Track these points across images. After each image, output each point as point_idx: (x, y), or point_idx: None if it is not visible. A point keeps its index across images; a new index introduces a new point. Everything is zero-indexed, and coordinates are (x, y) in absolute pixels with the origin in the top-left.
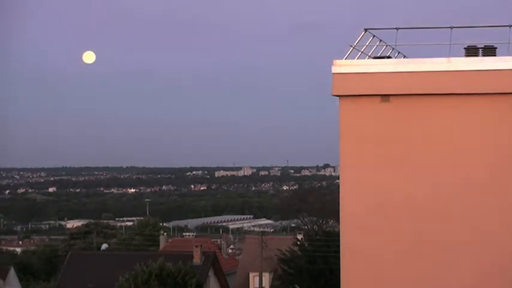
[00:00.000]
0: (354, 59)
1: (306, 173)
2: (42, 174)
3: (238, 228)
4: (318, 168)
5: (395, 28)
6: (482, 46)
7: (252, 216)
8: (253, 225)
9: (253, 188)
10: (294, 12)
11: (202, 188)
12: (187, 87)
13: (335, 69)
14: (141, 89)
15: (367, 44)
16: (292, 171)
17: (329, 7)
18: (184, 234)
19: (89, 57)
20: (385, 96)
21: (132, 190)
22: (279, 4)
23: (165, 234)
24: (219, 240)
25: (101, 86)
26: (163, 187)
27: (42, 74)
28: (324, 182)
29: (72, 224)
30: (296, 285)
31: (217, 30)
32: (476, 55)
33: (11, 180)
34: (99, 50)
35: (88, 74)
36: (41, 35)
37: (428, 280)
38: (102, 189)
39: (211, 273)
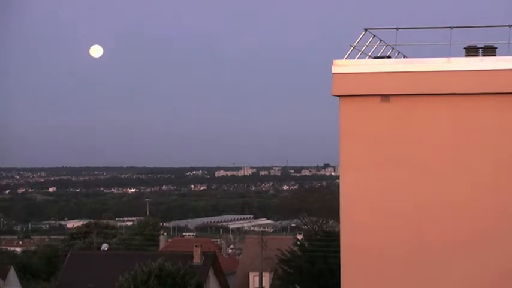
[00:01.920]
0: (354, 59)
1: (306, 173)
2: (42, 174)
3: (238, 228)
4: (318, 168)
5: (396, 28)
6: (482, 46)
7: (252, 216)
8: (253, 225)
9: (253, 188)
10: (294, 11)
11: (202, 188)
12: (187, 87)
13: (335, 69)
14: (142, 89)
15: (367, 44)
16: (292, 171)
17: (329, 7)
18: (184, 234)
19: (95, 51)
20: (385, 96)
21: (132, 190)
22: (279, 3)
23: (165, 234)
24: (219, 240)
25: (100, 85)
26: (163, 187)
27: (43, 72)
28: (324, 182)
29: (72, 224)
30: (296, 285)
31: (215, 29)
32: (476, 55)
33: (11, 180)
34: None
35: (91, 70)
36: (46, 29)
37: (429, 280)
38: (102, 189)
39: (211, 273)
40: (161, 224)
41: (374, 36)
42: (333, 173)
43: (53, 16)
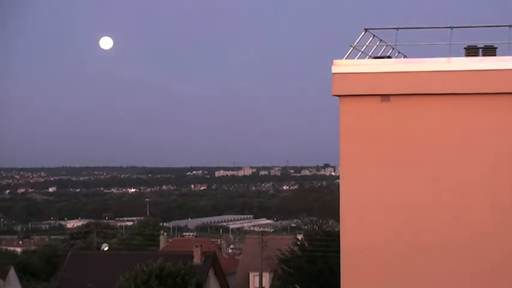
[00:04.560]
0: (354, 59)
1: (306, 173)
2: (42, 174)
3: (238, 228)
4: (318, 168)
5: (396, 28)
6: (482, 46)
7: (252, 216)
8: (253, 225)
9: (253, 188)
10: (294, 11)
11: (202, 188)
12: (187, 87)
13: (335, 69)
14: (142, 89)
15: (367, 44)
16: (292, 171)
17: (329, 7)
18: (184, 234)
19: (106, 43)
20: (385, 96)
21: (132, 190)
22: (277, 3)
23: (165, 234)
24: (219, 240)
25: (98, 84)
26: (163, 187)
27: (41, 73)
28: (324, 182)
29: (72, 224)
30: (296, 285)
31: (213, 29)
32: (476, 55)
33: (11, 180)
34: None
35: (100, 64)
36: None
37: (428, 280)
38: (102, 189)
39: (211, 273)
40: (161, 224)
41: (374, 36)
42: (333, 173)
43: (62, 9)
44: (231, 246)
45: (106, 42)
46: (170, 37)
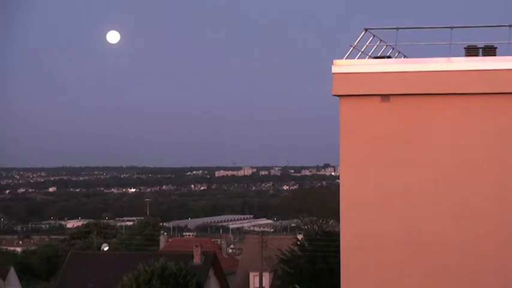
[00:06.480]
0: (354, 59)
1: (306, 173)
2: (42, 174)
3: (238, 228)
4: (318, 168)
5: (396, 28)
6: (482, 46)
7: (252, 216)
8: (253, 225)
9: (253, 188)
10: (294, 11)
11: (202, 188)
12: (188, 87)
13: (335, 69)
14: (142, 89)
15: (367, 44)
16: (292, 171)
17: (330, 7)
18: (184, 234)
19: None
20: (385, 96)
21: (132, 190)
22: (280, 3)
23: (165, 234)
24: (219, 240)
25: (99, 82)
26: (163, 187)
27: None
28: (324, 182)
29: (72, 224)
30: (296, 285)
31: (215, 28)
32: (476, 55)
33: (11, 180)
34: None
35: (106, 60)
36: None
37: (428, 280)
38: (102, 189)
39: (211, 273)
40: (161, 224)
41: (374, 36)
42: (333, 173)
43: (66, 4)
44: (231, 246)
45: (113, 36)
46: (174, 35)
